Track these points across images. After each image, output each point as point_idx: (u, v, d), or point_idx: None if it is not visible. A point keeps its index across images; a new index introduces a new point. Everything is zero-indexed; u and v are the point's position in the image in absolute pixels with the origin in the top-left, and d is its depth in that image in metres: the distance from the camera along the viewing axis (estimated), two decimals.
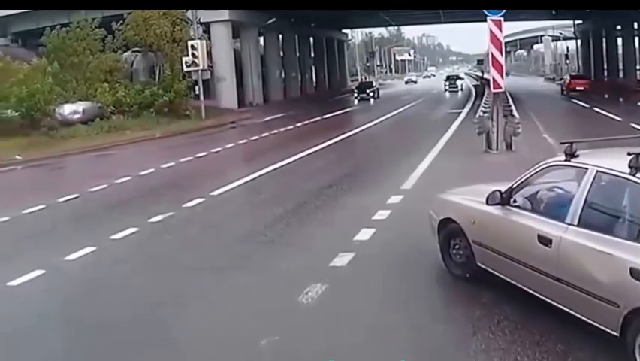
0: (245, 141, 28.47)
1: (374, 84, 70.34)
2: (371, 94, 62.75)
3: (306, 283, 8.47)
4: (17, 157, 25.90)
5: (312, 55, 75.94)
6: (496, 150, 20.63)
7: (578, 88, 53.62)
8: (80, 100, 34.93)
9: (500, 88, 21.22)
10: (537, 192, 7.41)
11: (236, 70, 49.20)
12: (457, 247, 8.37)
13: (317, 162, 21.10)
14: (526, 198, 7.40)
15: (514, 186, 7.50)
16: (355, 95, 62.94)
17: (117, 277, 9.65)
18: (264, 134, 30.72)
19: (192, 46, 39.22)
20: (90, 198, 16.66)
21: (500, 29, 20.69)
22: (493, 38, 20.66)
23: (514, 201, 7.42)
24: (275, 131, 31.93)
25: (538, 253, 6.71)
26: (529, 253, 6.89)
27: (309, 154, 22.45)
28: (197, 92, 40.15)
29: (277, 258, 10.10)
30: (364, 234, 10.90)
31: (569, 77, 60.20)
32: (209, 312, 7.99)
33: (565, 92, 54.64)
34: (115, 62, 38.92)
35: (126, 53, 41.40)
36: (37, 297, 8.89)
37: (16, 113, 32.50)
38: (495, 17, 20.68)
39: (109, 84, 36.85)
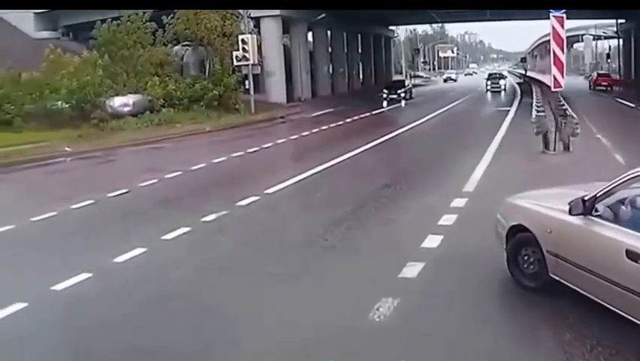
0: (295, 136, 27.90)
1: (407, 83, 61.09)
2: (402, 94, 53.02)
3: (376, 296, 7.79)
4: (67, 149, 25.67)
5: (360, 51, 75.11)
6: (554, 150, 19.82)
7: (602, 84, 61.78)
8: (130, 93, 34.69)
9: (561, 86, 20.56)
10: (622, 203, 6.88)
11: (286, 65, 48.67)
12: (527, 256, 7.81)
13: (370, 160, 20.45)
14: (609, 208, 6.88)
15: (597, 195, 6.94)
16: (384, 95, 51.98)
17: (173, 284, 8.99)
18: (314, 130, 30.10)
19: (243, 40, 38.86)
20: (140, 193, 16.22)
21: (562, 27, 20.01)
22: (555, 36, 20.00)
23: (596, 210, 6.90)
24: (325, 127, 31.34)
25: (626, 269, 6.22)
26: (615, 269, 6.40)
27: (361, 152, 21.78)
28: (247, 87, 39.75)
29: (341, 266, 9.42)
30: (432, 241, 10.20)
31: (595, 75, 67.84)
32: (264, 327, 7.34)
33: (592, 87, 62.33)
34: (165, 55, 38.63)
35: (176, 47, 41.10)
36: (80, 308, 8.16)
37: (67, 105, 32.42)
38: (558, 14, 19.93)
39: (159, 77, 36.56)
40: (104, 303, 8.29)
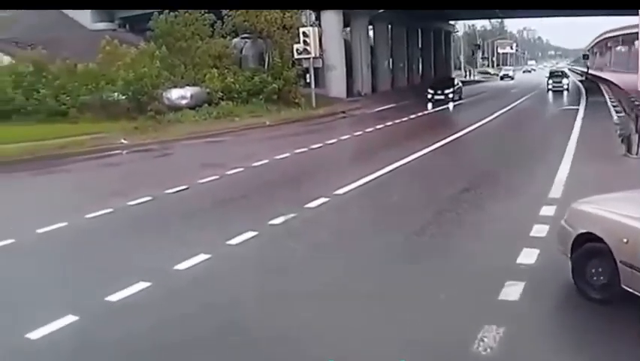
0: (359, 132, 26.57)
1: (456, 82, 51.40)
2: (450, 95, 46.14)
3: (477, 324, 6.65)
4: (123, 141, 25.04)
5: (420, 45, 73.55)
6: (637, 154, 18.29)
7: None
8: (188, 85, 33.82)
9: None
10: None
11: (346, 59, 47.50)
12: (597, 266, 7.23)
13: (442, 161, 19.22)
14: None
15: None
16: (428, 96, 45.88)
17: (245, 301, 7.91)
18: (378, 126, 28.81)
19: (304, 33, 37.76)
20: (200, 190, 15.25)
21: None
22: None
23: None
24: (389, 123, 30.05)
25: None
26: None
27: (431, 150, 20.46)
28: (307, 80, 38.66)
29: (430, 285, 8.18)
30: (527, 256, 8.95)
31: None
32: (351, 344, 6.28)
33: None
34: (224, 47, 37.62)
35: (235, 39, 40.10)
36: (136, 325, 7.19)
37: (123, 97, 31.79)
38: None
39: (217, 70, 35.63)
40: (161, 314, 7.42)
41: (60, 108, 30.47)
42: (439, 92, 46.18)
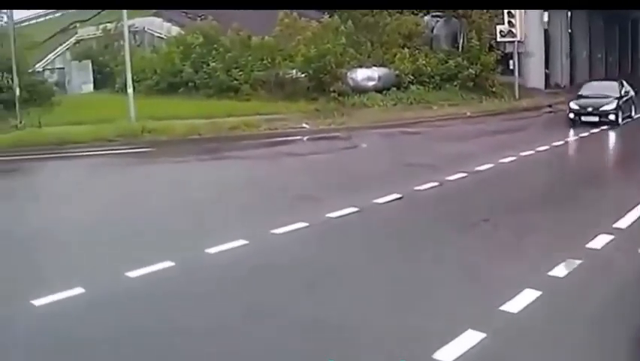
0: (585, 133, 21.09)
1: (623, 90, 24.95)
2: (610, 114, 23.29)
3: None
4: (305, 125, 22.02)
5: (618, 35, 66.62)
6: None
7: None
8: (375, 65, 29.95)
9: None
10: None
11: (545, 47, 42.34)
12: None
13: None
14: None
15: None
16: (571, 114, 23.79)
17: None
18: (603, 127, 22.91)
19: (510, 13, 32.79)
20: (421, 203, 11.33)
21: None
22: None
23: None
24: None
25: None
26: None
27: None
28: (510, 67, 33.69)
29: None
30: None
31: None
32: None
33: None
34: (415, 25, 33.41)
35: (427, 17, 35.71)
36: None
37: (302, 75, 28.73)
38: None
39: (409, 50, 31.43)
40: None
41: (231, 84, 28.68)
42: (592, 108, 23.37)
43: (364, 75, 28.96)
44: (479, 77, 32.33)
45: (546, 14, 45.41)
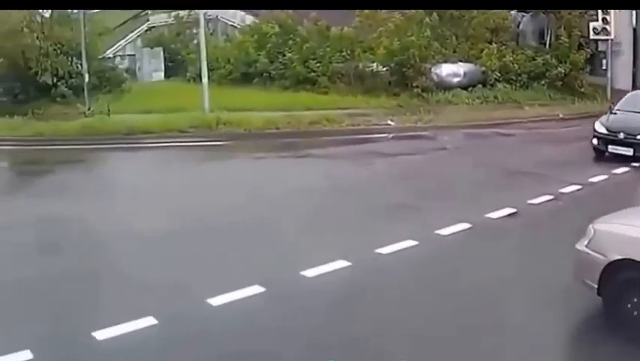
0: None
1: None
2: None
3: None
4: (390, 122, 20.69)
5: None
6: None
7: None
8: (461, 61, 28.49)
9: None
10: None
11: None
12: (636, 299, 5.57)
13: None
14: None
15: None
16: (596, 142, 15.19)
17: None
18: None
19: (604, 10, 30.92)
20: (539, 219, 9.80)
21: None
22: None
23: None
24: None
25: None
26: None
27: None
28: (604, 67, 31.80)
29: None
30: None
31: None
32: None
33: None
34: (502, 20, 31.71)
35: (513, 11, 34.12)
36: None
37: (384, 69, 27.39)
38: None
39: (496, 45, 29.91)
40: None
41: (308, 75, 27.40)
42: (626, 135, 14.99)
43: (449, 71, 27.46)
44: (568, 76, 30.51)
45: (634, 13, 43.47)
